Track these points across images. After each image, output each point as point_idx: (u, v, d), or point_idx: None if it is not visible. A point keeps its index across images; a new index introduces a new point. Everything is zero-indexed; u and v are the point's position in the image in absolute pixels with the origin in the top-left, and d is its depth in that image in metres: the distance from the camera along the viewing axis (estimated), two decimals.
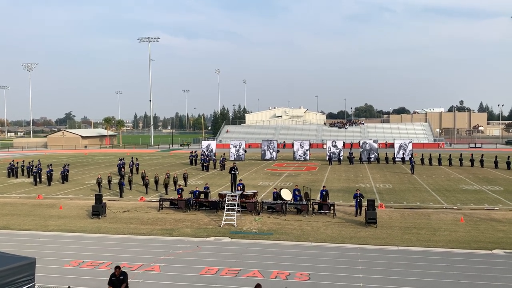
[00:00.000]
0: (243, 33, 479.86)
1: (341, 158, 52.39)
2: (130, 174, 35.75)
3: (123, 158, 47.53)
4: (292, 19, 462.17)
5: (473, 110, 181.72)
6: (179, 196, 25.35)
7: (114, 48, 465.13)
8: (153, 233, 20.23)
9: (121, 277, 11.54)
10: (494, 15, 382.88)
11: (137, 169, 43.91)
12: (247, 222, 21.75)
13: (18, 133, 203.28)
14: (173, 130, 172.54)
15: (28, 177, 41.32)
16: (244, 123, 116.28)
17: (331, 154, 52.78)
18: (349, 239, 18.54)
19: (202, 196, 25.33)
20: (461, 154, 50.11)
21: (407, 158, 50.09)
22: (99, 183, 31.93)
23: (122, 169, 41.00)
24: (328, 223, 21.19)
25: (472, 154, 49.56)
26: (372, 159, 52.07)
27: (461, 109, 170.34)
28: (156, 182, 32.79)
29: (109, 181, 33.84)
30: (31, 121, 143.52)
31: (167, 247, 17.70)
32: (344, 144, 58.74)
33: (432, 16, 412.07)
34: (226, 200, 22.26)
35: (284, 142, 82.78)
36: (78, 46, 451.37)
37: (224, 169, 44.96)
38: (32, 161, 44.73)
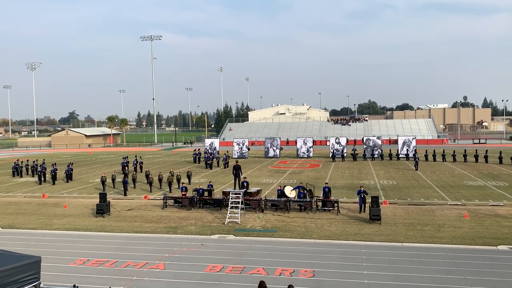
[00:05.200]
0: (244, 31, 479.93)
1: (345, 155, 52.31)
2: (134, 173, 35.84)
3: (127, 157, 47.67)
4: (294, 16, 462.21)
5: (477, 106, 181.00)
6: (183, 194, 25.39)
7: (116, 46, 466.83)
8: (157, 231, 20.27)
9: None
10: (497, 10, 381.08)
11: (141, 168, 44.07)
12: (251, 219, 21.76)
13: (22, 133, 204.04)
14: (177, 128, 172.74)
15: (33, 176, 41.52)
16: (247, 120, 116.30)
17: (335, 151, 52.71)
18: (353, 236, 18.51)
19: (206, 194, 25.35)
20: (465, 150, 49.97)
21: (411, 155, 49.99)
22: (103, 182, 32.03)
23: (126, 168, 41.11)
24: (332, 220, 21.17)
25: (476, 150, 49.37)
26: (375, 155, 51.97)
27: (465, 104, 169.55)
28: (160, 180, 32.85)
29: (113, 180, 33.92)
30: (35, 120, 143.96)
31: (172, 245, 17.73)
32: (347, 141, 58.64)
33: (434, 12, 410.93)
34: (230, 197, 22.28)
35: (287, 139, 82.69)
36: (81, 45, 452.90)
37: (227, 166, 44.99)
38: (37, 160, 44.91)
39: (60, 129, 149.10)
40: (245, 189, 24.23)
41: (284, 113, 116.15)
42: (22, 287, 8.38)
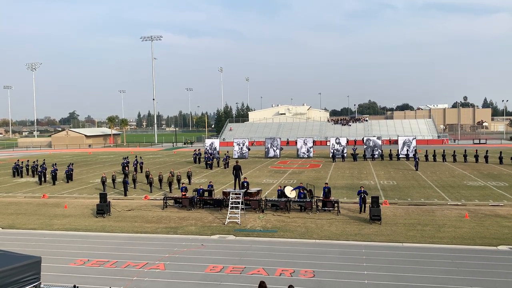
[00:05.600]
0: (244, 31, 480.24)
1: (345, 155, 52.30)
2: (134, 173, 35.84)
3: (127, 157, 47.67)
4: (293, 16, 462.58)
5: (477, 106, 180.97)
6: (182, 194, 25.39)
7: (117, 47, 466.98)
8: (157, 231, 20.28)
9: None
10: (497, 10, 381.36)
11: (141, 168, 44.06)
12: (251, 219, 21.77)
13: (23, 133, 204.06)
14: (177, 129, 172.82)
15: (33, 176, 41.52)
16: (248, 121, 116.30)
17: (335, 151, 52.70)
18: (354, 236, 18.52)
19: (206, 194, 25.35)
20: (465, 150, 49.93)
21: (411, 155, 49.98)
22: (103, 182, 32.04)
23: (126, 168, 41.10)
24: (332, 220, 21.17)
25: (476, 150, 49.34)
26: (376, 155, 51.96)
27: (465, 105, 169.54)
28: (160, 180, 32.85)
29: (113, 180, 33.94)
30: (35, 120, 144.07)
31: (172, 245, 17.74)
32: (347, 141, 58.62)
33: (434, 12, 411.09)
34: (230, 198, 22.29)
35: (287, 139, 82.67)
36: (81, 45, 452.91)
37: (227, 167, 44.99)
38: (37, 160, 44.91)
39: (60, 129, 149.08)
40: (245, 189, 24.23)
41: (284, 113, 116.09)
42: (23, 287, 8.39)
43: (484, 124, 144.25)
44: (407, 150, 51.71)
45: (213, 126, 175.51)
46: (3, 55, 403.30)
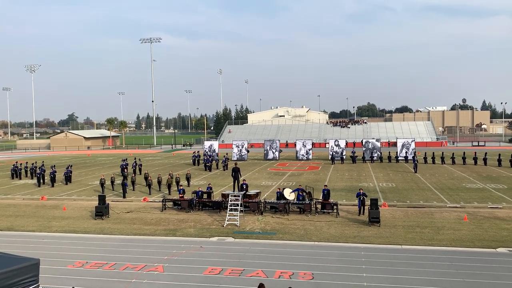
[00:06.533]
0: (244, 33, 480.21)
1: (344, 157, 52.31)
2: (133, 175, 35.81)
3: (126, 159, 47.62)
4: (293, 18, 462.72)
5: (476, 108, 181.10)
6: (180, 196, 25.36)
7: (116, 48, 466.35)
8: (156, 233, 20.26)
9: None
10: (496, 13, 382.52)
11: (140, 170, 44.00)
12: (250, 222, 21.75)
13: (22, 135, 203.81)
14: (176, 131, 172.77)
15: (32, 178, 41.45)
16: (247, 123, 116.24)
17: (334, 153, 52.70)
18: (353, 238, 18.52)
19: (205, 196, 25.33)
20: (464, 153, 49.94)
21: (410, 157, 50.02)
22: (102, 184, 32.01)
23: (125, 170, 41.10)
24: (331, 223, 21.17)
25: (475, 153, 49.36)
26: (375, 158, 51.99)
27: (464, 107, 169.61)
28: (159, 182, 32.83)
29: (112, 182, 33.90)
30: (34, 122, 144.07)
31: (171, 247, 17.72)
32: (346, 143, 58.63)
33: (432, 14, 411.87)
34: (229, 200, 22.28)
35: (286, 141, 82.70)
36: (80, 47, 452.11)
37: (226, 169, 44.98)
38: (36, 162, 44.86)
39: (59, 131, 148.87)
40: (244, 192, 24.23)
41: (283, 116, 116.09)
42: None
43: (483, 126, 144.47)
44: (406, 152, 51.74)
45: (212, 128, 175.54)
46: (3, 56, 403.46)
